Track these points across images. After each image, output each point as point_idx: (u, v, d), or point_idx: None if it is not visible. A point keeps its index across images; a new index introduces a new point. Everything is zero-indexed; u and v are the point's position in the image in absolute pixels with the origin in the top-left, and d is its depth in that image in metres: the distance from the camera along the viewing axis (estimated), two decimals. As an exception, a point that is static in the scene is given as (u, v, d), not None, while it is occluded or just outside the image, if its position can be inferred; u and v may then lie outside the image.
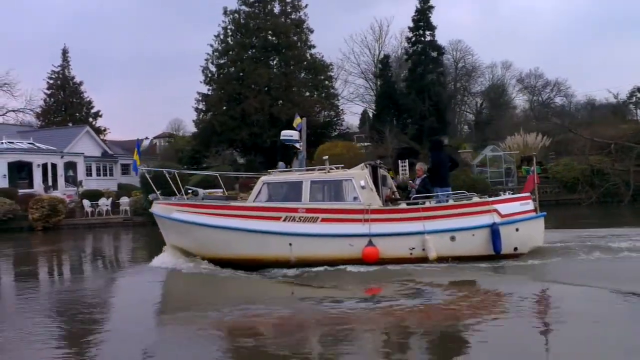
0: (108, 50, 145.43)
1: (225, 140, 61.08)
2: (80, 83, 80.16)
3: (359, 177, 16.78)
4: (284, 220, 16.64)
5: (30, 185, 50.37)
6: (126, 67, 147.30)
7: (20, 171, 51.73)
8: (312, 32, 65.55)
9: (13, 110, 79.56)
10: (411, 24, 65.83)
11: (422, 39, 65.10)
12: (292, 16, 64.94)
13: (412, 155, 49.23)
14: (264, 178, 17.53)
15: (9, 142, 53.17)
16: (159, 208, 18.50)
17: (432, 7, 65.02)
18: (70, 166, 57.02)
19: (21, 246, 30.91)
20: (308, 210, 16.60)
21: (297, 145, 18.76)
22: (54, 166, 53.81)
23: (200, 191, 18.90)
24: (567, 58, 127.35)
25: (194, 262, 17.57)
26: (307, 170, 18.02)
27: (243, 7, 63.70)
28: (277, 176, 17.73)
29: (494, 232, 16.17)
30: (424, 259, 16.09)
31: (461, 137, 70.80)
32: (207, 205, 17.76)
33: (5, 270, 22.71)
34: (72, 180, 55.44)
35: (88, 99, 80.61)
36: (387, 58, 72.35)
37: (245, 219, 16.92)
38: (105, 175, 61.53)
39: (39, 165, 52.02)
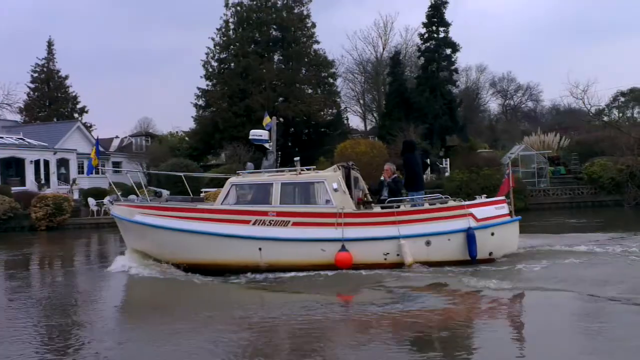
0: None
1: (228, 137, 61.05)
2: (66, 77, 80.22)
3: (331, 179, 16.73)
4: (254, 223, 16.53)
5: (22, 183, 49.91)
6: (93, 63, 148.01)
7: (8, 167, 51.41)
8: (315, 26, 65.71)
9: None
10: (424, 20, 65.75)
11: (436, 35, 65.21)
12: (295, 10, 65.00)
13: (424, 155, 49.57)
14: (231, 179, 17.43)
15: None
16: (120, 210, 18.28)
17: (446, 2, 64.72)
18: (63, 163, 56.75)
19: (30, 246, 30.89)
20: (279, 214, 16.50)
21: (267, 145, 18.70)
22: (46, 163, 53.49)
23: (164, 192, 18.66)
24: (539, 62, 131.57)
25: (157, 266, 17.45)
26: (277, 171, 17.94)
27: (244, 0, 63.86)
28: (245, 178, 17.63)
29: (470, 236, 16.20)
30: (399, 265, 16.10)
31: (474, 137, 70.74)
32: (172, 207, 17.53)
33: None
34: (64, 178, 55.12)
35: (74, 94, 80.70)
36: (397, 54, 72.04)
37: (213, 222, 16.76)
38: (97, 173, 59.92)
39: (31, 161, 51.74)
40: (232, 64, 62.98)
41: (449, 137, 63.32)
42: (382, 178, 18.48)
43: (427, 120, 62.27)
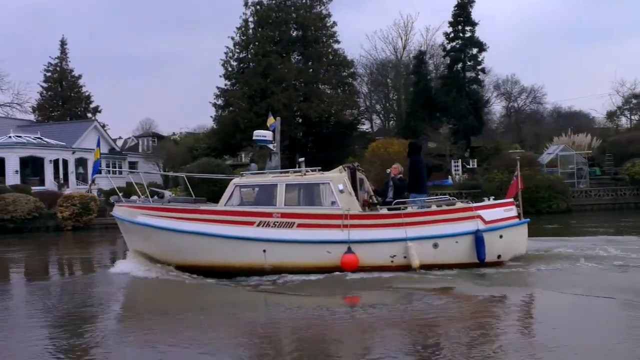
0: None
1: (249, 137, 60.67)
2: (79, 76, 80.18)
3: (337, 180, 16.70)
4: (258, 225, 16.52)
5: (42, 182, 50.11)
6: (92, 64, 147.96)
7: (26, 167, 51.56)
8: (335, 25, 65.81)
9: None
10: (450, 19, 65.70)
11: (462, 34, 65.14)
12: (315, 9, 65.21)
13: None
14: (235, 180, 17.43)
15: (16, 136, 53.02)
16: (122, 211, 18.31)
17: (472, 1, 64.53)
18: (81, 163, 56.92)
19: (56, 246, 31.13)
20: (283, 215, 16.48)
21: (271, 146, 18.59)
22: (65, 162, 53.66)
23: (166, 193, 18.63)
24: (544, 65, 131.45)
25: (160, 269, 17.39)
26: (281, 172, 17.92)
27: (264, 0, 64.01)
28: (249, 179, 17.67)
29: (478, 239, 16.20)
30: (406, 267, 16.07)
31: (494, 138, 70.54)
32: (175, 208, 17.49)
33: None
34: (82, 178, 55.28)
35: (87, 94, 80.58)
36: (422, 54, 72.11)
37: (217, 224, 16.74)
38: (114, 172, 60.47)
39: (50, 161, 51.93)
40: (252, 64, 63.15)
41: (473, 137, 63.21)
42: (390, 175, 18.44)
43: (453, 121, 62.29)
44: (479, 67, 65.31)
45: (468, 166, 54.92)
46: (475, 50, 64.65)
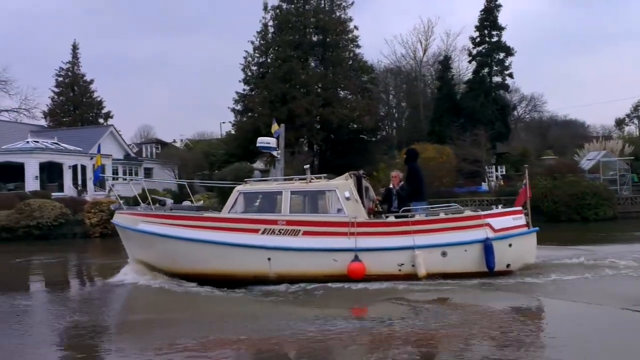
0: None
1: (269, 143, 60.69)
2: (91, 81, 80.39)
3: (343, 187, 16.65)
4: (263, 232, 16.48)
5: (60, 188, 49.98)
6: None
7: (42, 173, 51.35)
8: (357, 29, 65.64)
9: (6, 110, 79.74)
10: (476, 23, 65.80)
11: (488, 39, 65.01)
12: (336, 14, 65.17)
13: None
14: (239, 188, 17.36)
15: (34, 142, 53.01)
16: (122, 218, 18.24)
17: (499, 5, 64.59)
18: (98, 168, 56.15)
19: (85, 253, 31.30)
20: (289, 223, 16.43)
21: (275, 153, 18.58)
22: (83, 168, 53.50)
23: (168, 201, 18.62)
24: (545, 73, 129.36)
25: (160, 277, 17.36)
26: (286, 179, 17.92)
27: (283, 4, 64.19)
28: (254, 186, 17.65)
29: (487, 247, 16.09)
30: (413, 276, 15.97)
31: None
32: (178, 216, 17.49)
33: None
34: (99, 184, 55.47)
35: (99, 99, 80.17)
36: (447, 59, 72.10)
37: (220, 231, 16.70)
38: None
39: (69, 166, 51.84)
40: (271, 68, 63.20)
41: (499, 143, 62.97)
42: (390, 186, 18.30)
43: (479, 126, 62.13)
44: (506, 72, 65.13)
45: (495, 173, 54.77)
46: (502, 55, 64.57)
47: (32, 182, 49.72)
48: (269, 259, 16.46)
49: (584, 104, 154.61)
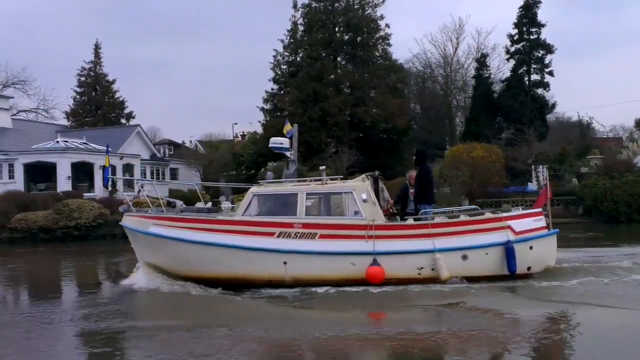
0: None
1: (302, 143, 60.32)
2: (113, 81, 79.98)
3: (360, 189, 16.50)
4: (278, 236, 16.32)
5: (90, 188, 50.13)
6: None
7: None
8: (389, 27, 65.18)
9: (24, 110, 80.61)
10: (514, 20, 64.97)
11: (527, 37, 64.47)
12: (367, 12, 64.80)
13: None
14: (253, 189, 17.22)
15: (64, 141, 53.17)
16: (132, 221, 18.08)
17: (539, 2, 63.68)
18: (127, 169, 56.19)
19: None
20: (305, 226, 16.29)
21: (288, 154, 18.41)
22: (113, 168, 50.68)
23: (178, 203, 18.40)
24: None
25: (172, 281, 17.15)
26: (299, 181, 17.81)
27: (313, 2, 64.00)
28: (268, 188, 17.50)
29: (509, 250, 15.93)
30: (433, 280, 15.81)
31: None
32: (192, 218, 17.31)
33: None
34: (127, 184, 55.31)
35: (121, 99, 79.92)
36: (484, 57, 71.26)
37: (235, 235, 16.53)
38: (158, 179, 60.14)
39: (100, 166, 49.92)
40: (302, 67, 63.06)
41: (537, 143, 62.32)
42: (407, 183, 18.21)
43: (517, 126, 61.65)
44: (546, 70, 64.49)
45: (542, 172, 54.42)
46: (542, 52, 63.96)
47: (64, 183, 49.74)
48: (284, 262, 16.30)
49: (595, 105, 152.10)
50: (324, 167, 17.82)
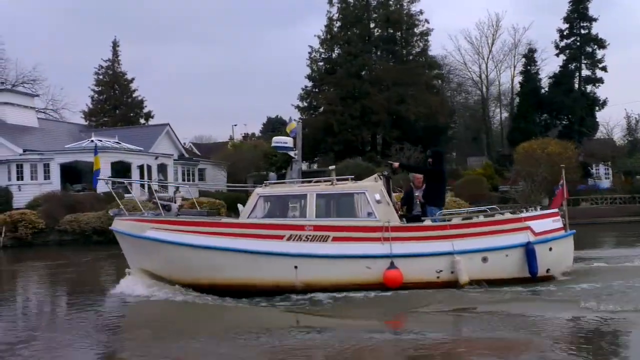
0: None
1: (341, 141, 60.86)
2: (132, 80, 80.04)
3: (373, 189, 16.13)
4: (288, 239, 15.88)
5: (127, 189, 49.76)
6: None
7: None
8: (428, 22, 65.00)
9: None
10: (564, 15, 64.88)
11: (578, 31, 63.73)
12: (404, 7, 64.70)
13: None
14: (259, 190, 16.75)
15: (98, 141, 51.71)
16: (125, 225, 17.44)
17: (590, -5, 63.41)
18: (161, 169, 55.77)
19: None
20: (316, 228, 15.86)
21: (292, 153, 18.08)
22: (149, 168, 53.09)
23: (174, 205, 17.94)
24: None
25: (170, 288, 16.47)
26: (304, 181, 17.43)
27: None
28: (274, 189, 17.07)
29: (529, 252, 15.66)
30: (452, 283, 15.51)
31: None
32: (194, 222, 16.76)
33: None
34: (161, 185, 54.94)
35: (140, 98, 79.72)
36: (532, 52, 70.57)
37: (241, 238, 16.06)
38: (188, 179, 59.98)
39: (138, 166, 51.66)
40: (341, 64, 62.91)
41: (587, 139, 61.61)
42: (411, 186, 17.81)
43: (567, 122, 61.06)
44: (600, 66, 63.70)
45: (592, 170, 54.02)
46: (594, 47, 63.60)
47: (102, 183, 49.24)
48: (295, 267, 15.89)
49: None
50: (333, 167, 17.61)
